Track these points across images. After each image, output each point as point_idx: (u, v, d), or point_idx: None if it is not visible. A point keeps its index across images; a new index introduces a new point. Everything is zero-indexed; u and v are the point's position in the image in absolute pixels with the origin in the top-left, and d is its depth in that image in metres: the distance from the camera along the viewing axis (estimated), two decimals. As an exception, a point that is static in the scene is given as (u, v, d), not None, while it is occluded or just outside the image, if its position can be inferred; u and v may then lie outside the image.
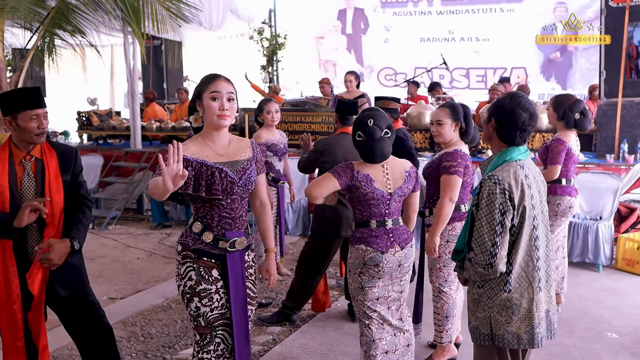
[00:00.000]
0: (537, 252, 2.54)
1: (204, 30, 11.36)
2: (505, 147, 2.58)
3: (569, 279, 5.72)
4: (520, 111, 2.52)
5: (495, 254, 2.44)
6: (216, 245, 2.81)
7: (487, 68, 12.16)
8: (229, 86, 2.80)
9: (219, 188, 2.74)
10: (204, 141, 2.82)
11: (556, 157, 4.63)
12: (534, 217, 2.52)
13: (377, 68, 13.08)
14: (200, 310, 2.81)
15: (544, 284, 2.58)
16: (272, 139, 5.53)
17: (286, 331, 4.59)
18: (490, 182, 2.46)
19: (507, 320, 2.52)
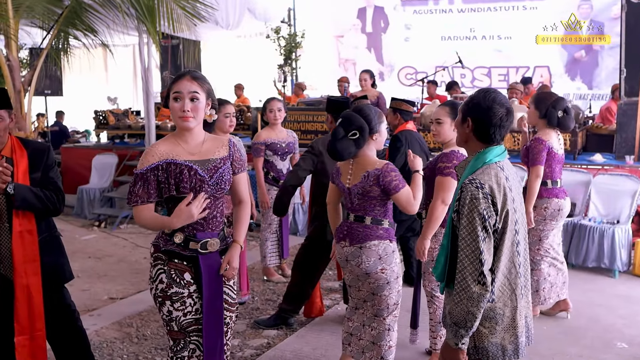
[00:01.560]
0: (519, 257, 2.40)
1: (223, 30, 11.34)
2: (483, 147, 2.43)
3: (582, 285, 5.54)
4: (497, 107, 2.38)
5: (484, 262, 2.27)
6: (187, 246, 2.73)
7: (510, 67, 11.91)
8: (193, 85, 2.68)
9: (187, 186, 2.69)
10: (176, 140, 2.76)
11: (537, 157, 4.43)
12: (515, 221, 2.38)
13: (397, 67, 12.92)
14: (172, 314, 2.74)
15: (524, 290, 2.45)
16: (273, 138, 5.45)
17: (282, 335, 4.49)
18: (472, 187, 2.31)
19: (491, 332, 2.37)
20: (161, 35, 10.08)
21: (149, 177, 2.68)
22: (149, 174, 2.68)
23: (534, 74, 11.48)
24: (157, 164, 2.68)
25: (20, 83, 7.57)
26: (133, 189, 2.69)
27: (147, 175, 2.68)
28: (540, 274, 4.62)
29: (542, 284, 4.63)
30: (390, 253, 3.34)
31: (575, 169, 6.59)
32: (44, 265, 3.19)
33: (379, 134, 3.41)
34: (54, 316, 3.26)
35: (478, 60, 11.97)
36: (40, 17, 8.12)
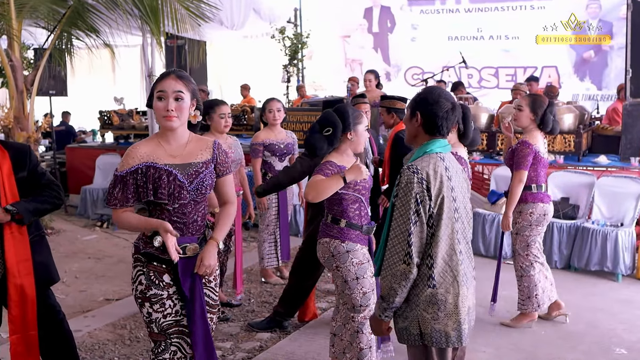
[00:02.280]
0: (460, 245, 2.48)
1: (228, 30, 11.32)
2: (429, 140, 2.55)
3: (584, 289, 5.47)
4: (443, 101, 2.52)
5: (411, 244, 2.39)
6: (165, 250, 2.68)
7: (517, 67, 11.79)
8: (178, 84, 2.65)
9: (165, 192, 2.65)
10: (159, 141, 2.72)
11: (522, 161, 4.35)
12: (454, 209, 2.47)
13: (404, 67, 12.84)
14: (152, 316, 2.71)
15: (467, 279, 2.51)
16: (271, 139, 5.41)
17: (275, 338, 4.45)
18: (409, 172, 2.44)
19: (434, 317, 2.44)
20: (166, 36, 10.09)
21: (128, 181, 2.64)
22: (128, 177, 2.64)
23: (542, 74, 11.37)
24: (136, 167, 2.64)
25: (23, 83, 7.59)
26: (112, 191, 2.66)
27: (126, 179, 2.64)
28: (530, 280, 4.54)
29: (533, 291, 4.54)
30: (342, 253, 3.39)
31: (579, 170, 6.49)
32: (34, 265, 3.18)
33: (355, 134, 3.42)
34: (40, 317, 3.24)
35: (485, 60, 11.89)
36: (45, 18, 8.14)
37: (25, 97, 7.66)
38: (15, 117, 7.63)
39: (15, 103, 7.63)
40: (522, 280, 4.55)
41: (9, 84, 7.65)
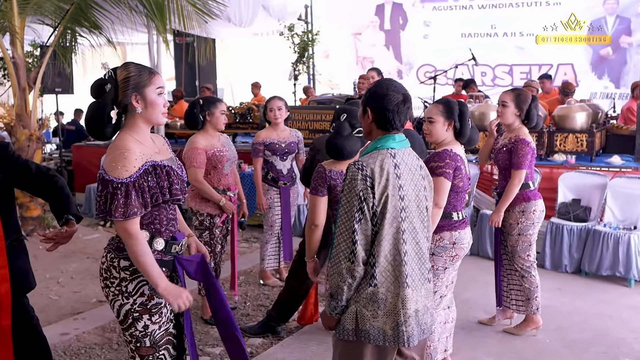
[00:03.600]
0: (405, 246, 2.41)
1: (237, 27, 11.20)
2: (383, 135, 2.48)
3: (594, 295, 5.26)
4: (393, 93, 2.44)
5: (355, 242, 2.34)
6: (169, 250, 2.58)
7: (532, 64, 11.52)
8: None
9: (178, 187, 2.55)
10: (136, 139, 2.53)
11: (523, 160, 4.17)
12: (401, 209, 2.40)
13: (416, 65, 12.63)
14: (148, 329, 2.56)
15: (413, 281, 2.44)
16: (272, 138, 5.26)
17: (267, 344, 4.29)
18: (354, 168, 2.38)
19: (373, 315, 2.41)
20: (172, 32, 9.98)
21: (142, 184, 2.44)
22: (141, 181, 2.43)
23: (557, 72, 11.10)
24: (144, 167, 2.45)
25: (25, 81, 7.52)
26: (126, 200, 2.38)
27: (139, 182, 2.43)
28: (532, 282, 4.35)
29: (534, 292, 4.36)
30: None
31: (592, 171, 6.25)
32: (11, 271, 3.04)
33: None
34: (13, 324, 3.11)
35: (499, 57, 11.64)
36: (50, 15, 8.07)
37: (27, 95, 7.58)
38: (18, 114, 7.56)
39: (17, 100, 7.55)
40: (524, 281, 4.36)
41: (11, 82, 7.58)
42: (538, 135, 6.68)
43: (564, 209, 6.07)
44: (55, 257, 6.28)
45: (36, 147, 7.65)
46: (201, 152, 4.44)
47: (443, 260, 3.50)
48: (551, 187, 6.31)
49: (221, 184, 4.59)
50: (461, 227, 3.54)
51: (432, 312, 2.56)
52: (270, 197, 5.33)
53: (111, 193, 2.39)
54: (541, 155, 6.69)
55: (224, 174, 4.60)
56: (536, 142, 6.67)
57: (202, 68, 12.00)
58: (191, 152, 4.46)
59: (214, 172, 4.55)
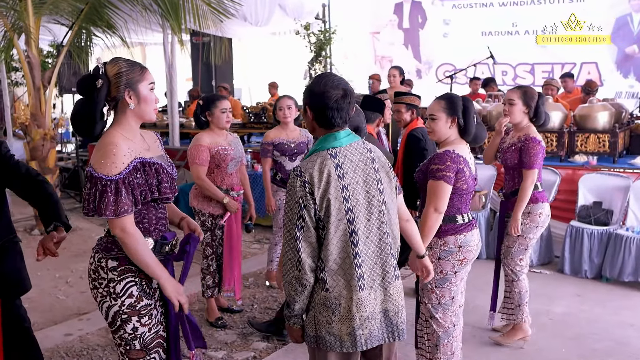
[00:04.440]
0: (355, 248, 2.33)
1: (253, 27, 11.11)
2: (326, 134, 2.39)
3: (615, 301, 5.07)
4: (330, 90, 2.34)
5: (299, 249, 2.29)
6: (159, 250, 2.52)
7: (554, 63, 11.22)
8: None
9: (168, 185, 2.49)
10: (125, 136, 2.45)
11: (535, 160, 4.00)
12: (347, 209, 2.31)
13: (435, 64, 12.40)
14: (137, 331, 2.49)
15: (374, 282, 2.38)
16: (281, 138, 5.14)
17: (271, 348, 4.18)
18: (293, 175, 2.33)
19: (328, 321, 2.35)
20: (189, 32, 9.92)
21: (132, 181, 2.37)
22: (130, 178, 2.37)
23: (581, 71, 10.80)
24: (132, 164, 2.39)
25: (40, 80, 7.51)
26: (117, 198, 2.32)
27: (128, 179, 2.36)
28: (522, 286, 4.19)
29: (524, 298, 4.19)
30: None
31: (614, 172, 6.02)
32: (2, 273, 2.97)
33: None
34: (6, 328, 3.03)
35: (520, 56, 11.37)
36: (66, 15, 8.06)
37: (42, 94, 7.58)
38: (32, 114, 7.57)
39: (32, 100, 7.56)
40: (513, 285, 4.19)
41: (26, 81, 7.58)
42: (558, 136, 6.48)
43: (585, 212, 5.86)
44: (67, 257, 6.26)
45: (50, 146, 7.66)
46: (204, 150, 4.36)
47: (451, 264, 3.34)
48: (571, 189, 6.11)
49: (224, 184, 4.49)
50: (467, 230, 3.36)
51: (403, 311, 2.48)
52: (280, 198, 5.22)
53: (100, 190, 2.33)
54: (561, 156, 6.49)
55: (228, 173, 4.50)
56: (556, 142, 6.50)
57: (218, 68, 11.95)
58: (194, 149, 4.38)
59: (217, 171, 4.46)
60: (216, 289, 4.63)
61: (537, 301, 4.85)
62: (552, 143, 6.52)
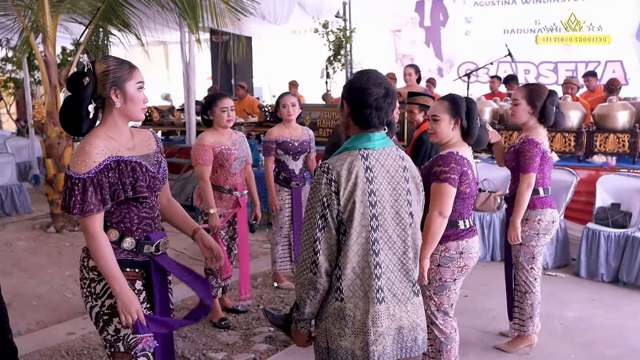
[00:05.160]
0: (376, 257, 2.17)
1: (273, 25, 11.09)
2: (360, 134, 2.24)
3: (632, 307, 4.94)
4: (372, 87, 2.17)
5: (317, 251, 2.13)
6: (141, 251, 2.48)
7: (578, 62, 10.98)
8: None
9: (144, 184, 2.43)
10: (107, 135, 2.44)
11: (530, 163, 3.81)
12: (372, 216, 2.15)
13: (457, 62, 12.23)
14: (120, 333, 2.45)
15: (394, 296, 2.21)
16: (285, 136, 5.07)
17: (272, 350, 4.12)
18: (320, 170, 2.17)
19: (340, 333, 2.18)
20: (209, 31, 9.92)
21: (101, 180, 2.34)
22: (100, 177, 2.34)
23: (605, 70, 10.56)
24: (104, 163, 2.36)
25: (57, 78, 7.57)
26: (83, 197, 2.31)
27: (98, 178, 2.34)
28: (535, 298, 4.01)
29: (536, 309, 4.03)
30: None
31: (634, 173, 5.85)
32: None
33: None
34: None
35: (543, 54, 11.15)
36: (84, 14, 8.11)
37: (58, 92, 7.64)
38: (48, 112, 7.63)
39: (48, 98, 7.63)
40: (526, 297, 4.02)
41: (42, 79, 7.65)
42: (576, 135, 6.31)
43: (602, 214, 5.69)
44: (78, 255, 6.26)
45: (66, 145, 7.71)
46: (207, 149, 4.33)
47: (451, 271, 3.23)
48: (589, 191, 5.94)
49: (228, 183, 4.45)
50: (469, 236, 3.26)
51: (424, 329, 2.31)
52: (282, 198, 5.16)
53: (69, 188, 2.33)
54: (579, 156, 6.32)
55: (232, 173, 4.46)
56: (574, 142, 6.33)
57: (238, 66, 11.97)
58: (197, 149, 4.35)
59: (221, 171, 4.42)
60: (220, 289, 4.59)
61: (550, 305, 4.71)
62: (570, 143, 6.36)
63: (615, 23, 10.23)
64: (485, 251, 6.12)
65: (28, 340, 4.28)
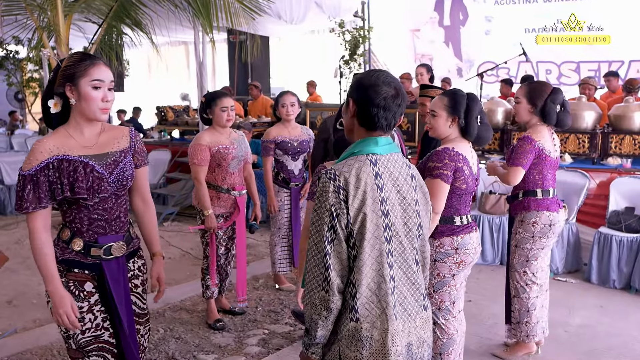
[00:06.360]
0: (391, 270, 2.00)
1: (290, 25, 11.04)
2: (366, 137, 2.05)
3: (638, 315, 4.70)
4: (382, 85, 2.00)
5: (328, 267, 1.93)
6: (88, 253, 2.45)
7: (601, 62, 10.69)
8: (110, 74, 2.42)
9: (83, 186, 2.38)
10: (68, 133, 2.43)
11: (519, 158, 3.69)
12: (385, 226, 1.98)
13: (477, 62, 12.00)
14: (69, 331, 2.46)
15: (405, 310, 2.03)
16: (284, 136, 5.01)
17: (264, 353, 4.05)
18: (325, 177, 1.98)
19: (357, 357, 1.98)
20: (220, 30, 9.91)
21: (39, 179, 2.35)
22: (39, 175, 2.35)
23: (629, 69, 10.27)
24: (46, 162, 2.36)
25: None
26: (22, 194, 2.35)
27: (36, 177, 2.35)
28: (522, 304, 3.87)
29: (524, 317, 3.87)
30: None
31: (650, 176, 5.65)
32: None
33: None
34: None
35: (565, 54, 10.90)
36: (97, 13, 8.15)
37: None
38: (60, 111, 7.66)
39: (59, 97, 7.65)
40: (514, 301, 3.91)
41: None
42: (590, 137, 6.12)
43: (615, 218, 5.50)
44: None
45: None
46: (204, 149, 4.28)
47: (448, 266, 3.17)
48: (603, 194, 5.76)
49: (226, 183, 4.41)
50: (465, 232, 3.19)
51: (430, 345, 2.15)
52: (280, 198, 5.10)
53: (16, 185, 2.39)
54: (594, 158, 6.13)
55: (230, 172, 4.41)
56: (588, 144, 6.14)
57: (255, 66, 11.94)
58: (193, 149, 4.31)
59: (219, 170, 4.37)
60: (215, 290, 4.54)
61: (556, 311, 4.56)
62: (584, 145, 6.17)
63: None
64: (494, 255, 5.98)
65: (22, 338, 4.30)
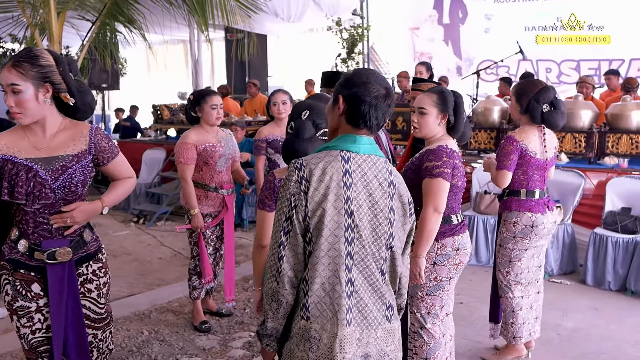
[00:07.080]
0: (350, 273, 1.91)
1: (288, 23, 10.97)
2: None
3: (635, 317, 4.66)
4: (373, 83, 1.97)
5: (281, 257, 1.91)
6: (32, 256, 2.40)
7: (601, 60, 10.57)
8: (12, 76, 2.28)
9: (22, 191, 2.31)
10: (24, 132, 2.40)
11: (503, 160, 3.61)
12: (347, 226, 1.90)
13: (476, 60, 11.88)
14: (20, 331, 2.45)
15: (364, 319, 1.95)
16: (275, 134, 4.93)
17: (248, 356, 3.98)
18: (292, 167, 1.95)
19: (304, 357, 1.93)
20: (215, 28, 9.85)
21: None
22: None
23: (630, 68, 10.15)
24: None
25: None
26: None
27: None
28: (507, 304, 3.79)
29: (509, 317, 3.79)
30: None
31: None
32: None
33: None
34: None
35: (565, 52, 10.79)
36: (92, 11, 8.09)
37: (64, 90, 7.61)
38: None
39: (53, 96, 7.60)
40: (501, 301, 3.84)
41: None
42: (587, 136, 6.02)
43: (611, 219, 5.41)
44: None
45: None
46: (190, 148, 4.22)
47: (447, 269, 3.11)
48: (599, 194, 5.67)
49: (213, 181, 4.34)
50: (462, 231, 3.16)
51: (393, 358, 2.03)
52: None
53: None
54: (590, 157, 6.04)
55: (217, 170, 4.34)
56: (584, 143, 6.05)
57: (252, 65, 11.88)
58: (179, 147, 4.25)
59: (206, 169, 4.31)
60: (203, 291, 4.47)
61: (550, 314, 4.48)
62: (580, 144, 6.08)
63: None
64: (488, 256, 5.89)
65: (5, 340, 4.23)
